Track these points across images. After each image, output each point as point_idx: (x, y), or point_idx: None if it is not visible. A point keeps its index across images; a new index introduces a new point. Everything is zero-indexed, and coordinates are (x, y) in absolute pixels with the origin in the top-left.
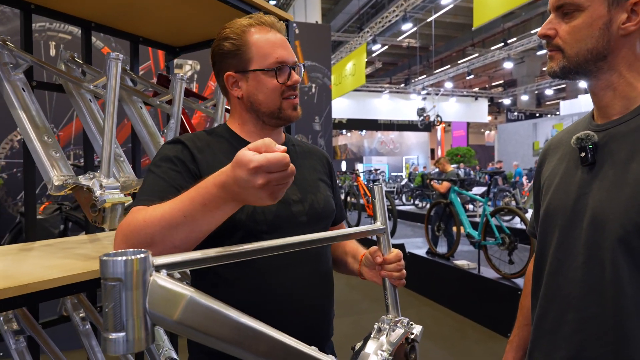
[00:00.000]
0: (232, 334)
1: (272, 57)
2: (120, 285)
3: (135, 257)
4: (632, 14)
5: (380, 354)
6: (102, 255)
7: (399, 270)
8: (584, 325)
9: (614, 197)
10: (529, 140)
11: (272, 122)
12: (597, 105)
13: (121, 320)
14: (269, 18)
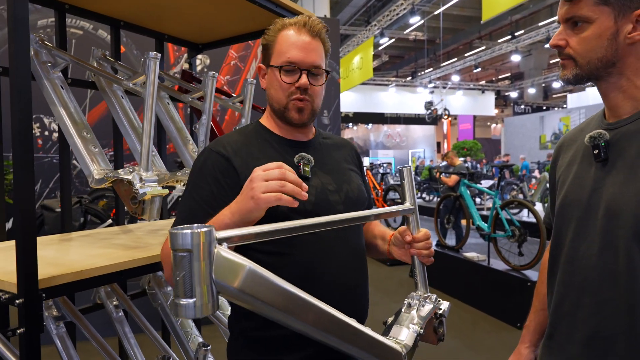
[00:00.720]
0: (285, 303)
1: (285, 56)
2: (190, 255)
3: (202, 230)
4: (637, 24)
5: (411, 327)
6: (171, 228)
7: (428, 248)
8: (600, 308)
9: (626, 191)
10: (535, 133)
11: (282, 120)
12: (607, 106)
13: (192, 287)
14: (307, 20)
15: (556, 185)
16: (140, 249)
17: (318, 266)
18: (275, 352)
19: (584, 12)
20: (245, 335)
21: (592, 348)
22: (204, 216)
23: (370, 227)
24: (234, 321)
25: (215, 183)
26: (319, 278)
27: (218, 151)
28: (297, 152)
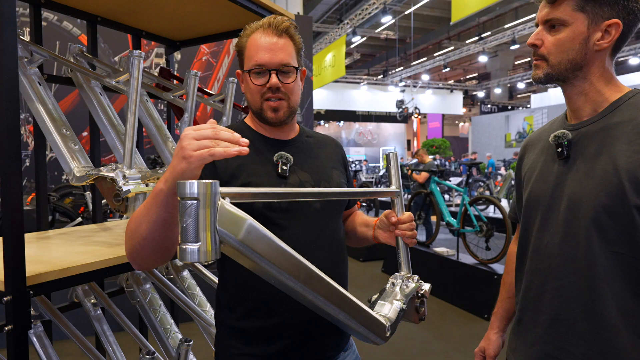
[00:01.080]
0: (280, 259)
1: (253, 59)
2: (197, 203)
3: (209, 181)
4: (605, 33)
5: (395, 302)
6: (178, 180)
7: (411, 229)
8: (562, 292)
9: (585, 185)
10: (501, 132)
11: (262, 121)
12: (570, 108)
13: (197, 233)
14: (272, 20)
15: (522, 182)
16: (123, 247)
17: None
18: (256, 342)
19: (562, 16)
20: (227, 325)
21: (555, 329)
22: None
23: (353, 218)
24: (217, 311)
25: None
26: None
27: None
28: (278, 150)
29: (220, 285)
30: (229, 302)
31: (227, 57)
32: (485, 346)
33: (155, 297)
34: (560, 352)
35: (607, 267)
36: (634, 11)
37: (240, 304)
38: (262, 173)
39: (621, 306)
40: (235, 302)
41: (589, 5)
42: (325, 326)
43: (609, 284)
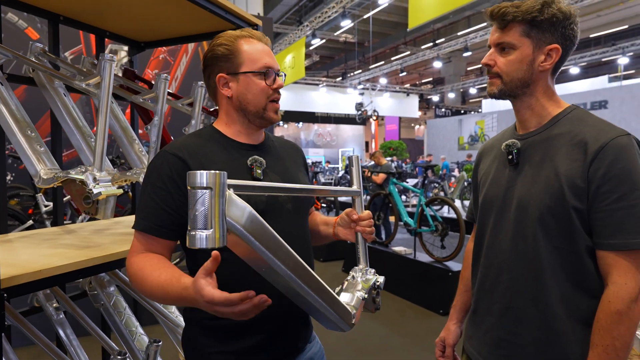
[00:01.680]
0: (275, 247)
1: (261, 62)
2: (209, 192)
3: (219, 172)
4: (547, 56)
5: (357, 293)
6: (189, 171)
7: (370, 226)
8: (513, 283)
9: (532, 188)
10: (454, 135)
11: (257, 121)
12: (519, 120)
13: (209, 220)
14: (258, 32)
15: (478, 185)
16: (94, 248)
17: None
18: (233, 338)
19: (511, 40)
20: (201, 324)
21: (507, 316)
22: (163, 216)
23: (313, 217)
24: (189, 311)
25: (172, 184)
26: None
27: (175, 153)
28: (250, 154)
29: None
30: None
31: (185, 56)
32: (445, 336)
33: (120, 299)
34: (513, 336)
35: (550, 260)
36: (570, 38)
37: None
38: (238, 178)
39: (562, 294)
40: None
41: (533, 31)
42: (297, 318)
43: (553, 275)
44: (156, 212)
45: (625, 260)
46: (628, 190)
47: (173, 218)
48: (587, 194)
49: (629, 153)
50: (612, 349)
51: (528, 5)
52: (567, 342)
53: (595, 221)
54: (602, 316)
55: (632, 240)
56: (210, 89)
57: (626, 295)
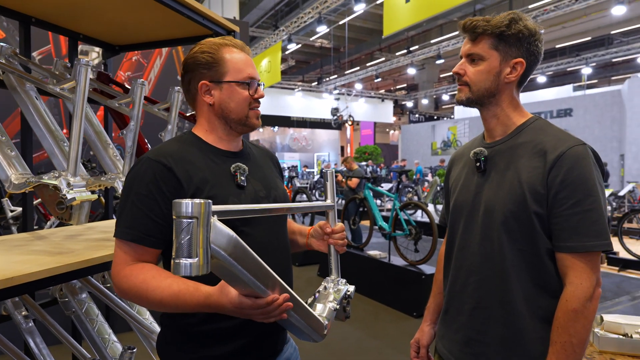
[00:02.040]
0: (256, 270)
1: (245, 72)
2: (196, 222)
3: (204, 201)
4: (513, 69)
5: (329, 304)
6: (174, 200)
7: (343, 239)
8: (481, 284)
9: (498, 194)
10: (428, 140)
11: (239, 128)
12: (486, 129)
13: (194, 249)
14: (239, 42)
15: (450, 191)
16: (68, 255)
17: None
18: (217, 343)
19: (480, 52)
20: (183, 330)
21: (476, 316)
22: (150, 224)
23: (289, 225)
24: (169, 317)
25: (158, 192)
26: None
27: (159, 161)
28: (233, 161)
29: None
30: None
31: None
32: (419, 337)
33: (92, 306)
34: (481, 335)
35: (514, 262)
36: (534, 53)
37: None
38: (223, 185)
39: (525, 294)
40: None
41: (500, 45)
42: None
43: (517, 276)
44: (143, 221)
45: (580, 261)
46: (583, 196)
47: (160, 227)
48: (547, 199)
49: (584, 162)
50: (569, 345)
51: (497, 20)
52: (529, 339)
53: (554, 225)
54: (560, 315)
55: (587, 243)
56: (189, 94)
57: (582, 295)
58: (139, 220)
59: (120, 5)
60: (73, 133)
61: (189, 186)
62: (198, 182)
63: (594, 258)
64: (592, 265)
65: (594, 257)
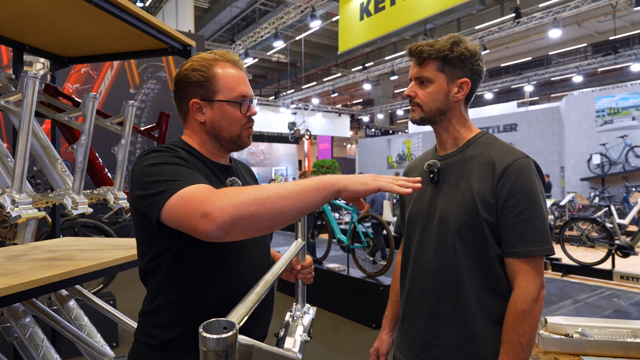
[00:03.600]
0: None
1: (237, 91)
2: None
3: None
4: (460, 88)
5: (299, 337)
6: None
7: (311, 272)
8: (437, 290)
9: (451, 203)
10: (384, 154)
11: (229, 147)
12: (439, 142)
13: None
14: (232, 56)
15: (405, 202)
16: (11, 276)
17: (247, 277)
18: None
19: (428, 75)
20: (168, 345)
21: (432, 321)
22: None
23: None
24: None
25: (192, 164)
26: (246, 288)
27: (176, 150)
28: (226, 175)
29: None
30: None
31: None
32: (378, 346)
33: (37, 330)
34: (437, 340)
35: (468, 268)
36: (477, 72)
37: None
38: None
39: (478, 298)
40: (180, 319)
41: (446, 67)
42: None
43: (470, 281)
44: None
45: (527, 265)
46: (527, 205)
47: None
48: (496, 208)
49: (528, 173)
50: (518, 344)
51: (440, 44)
52: (483, 341)
53: (502, 232)
54: (509, 316)
55: (532, 248)
56: (180, 110)
57: (528, 297)
58: (189, 173)
59: (71, 17)
60: (19, 148)
61: None
62: None
63: (538, 262)
64: (537, 269)
65: (538, 262)
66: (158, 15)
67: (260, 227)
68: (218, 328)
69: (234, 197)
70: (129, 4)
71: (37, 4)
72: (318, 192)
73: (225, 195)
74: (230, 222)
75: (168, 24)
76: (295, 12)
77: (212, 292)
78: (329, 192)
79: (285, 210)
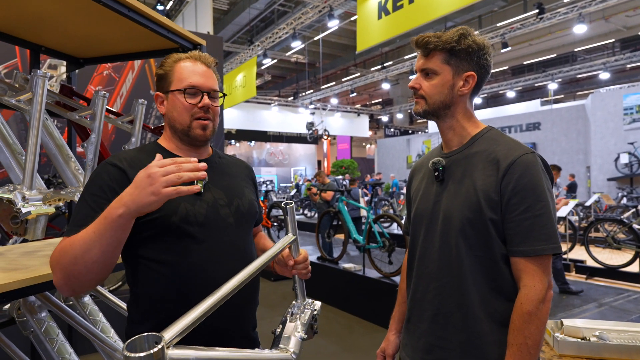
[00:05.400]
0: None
1: (186, 81)
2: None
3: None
4: (465, 82)
5: (297, 335)
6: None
7: (306, 267)
8: (440, 290)
9: (454, 202)
10: (403, 154)
11: (185, 139)
12: (443, 140)
13: None
14: (198, 53)
15: (411, 200)
16: (22, 271)
17: (209, 272)
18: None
19: (433, 67)
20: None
21: (436, 322)
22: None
23: (258, 240)
24: (129, 327)
25: (111, 192)
26: (210, 283)
27: (114, 164)
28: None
29: (132, 299)
30: (142, 315)
31: (131, 73)
32: (385, 346)
33: (52, 325)
34: (441, 341)
35: (471, 267)
36: (484, 66)
37: (151, 316)
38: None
39: (482, 298)
40: (146, 314)
41: (452, 60)
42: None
43: (474, 281)
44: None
45: (533, 265)
46: (533, 202)
47: None
48: (500, 205)
49: (534, 169)
50: (524, 347)
51: (447, 36)
52: (487, 343)
53: (507, 230)
54: (515, 317)
55: (538, 247)
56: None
57: (535, 297)
58: (92, 219)
59: (81, 17)
60: (29, 145)
61: None
62: None
63: (545, 261)
64: (544, 268)
65: (545, 261)
66: (178, 18)
67: (87, 280)
68: (145, 344)
69: (61, 264)
70: (137, 4)
71: (47, 5)
72: (112, 229)
73: (58, 263)
74: (65, 286)
75: (187, 26)
76: (313, 12)
77: (169, 288)
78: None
79: (96, 258)
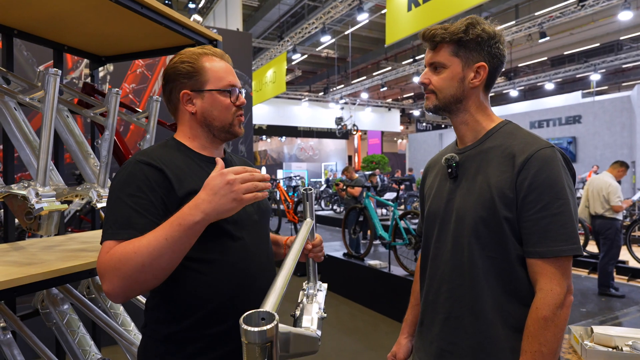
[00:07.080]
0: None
1: (225, 80)
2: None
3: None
4: (477, 74)
5: (316, 315)
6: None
7: (321, 250)
8: (452, 293)
9: (467, 200)
10: (435, 149)
11: (222, 135)
12: (457, 135)
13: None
14: (218, 50)
15: (425, 199)
16: (35, 265)
17: (245, 269)
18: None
19: (442, 60)
20: (168, 339)
21: (448, 326)
22: (144, 223)
23: None
24: (152, 329)
25: (152, 192)
26: (245, 279)
27: (149, 163)
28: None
29: (161, 299)
30: (173, 315)
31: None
32: (396, 350)
33: (74, 318)
34: (452, 347)
35: (484, 269)
36: (497, 56)
37: (187, 315)
38: None
39: (496, 302)
40: (181, 314)
41: (461, 51)
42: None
43: (487, 284)
44: (140, 221)
45: (551, 267)
46: (551, 199)
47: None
48: (516, 203)
49: (552, 164)
50: (539, 354)
51: (455, 27)
52: (500, 349)
53: (523, 230)
54: (530, 323)
55: (556, 248)
56: (170, 104)
57: (552, 301)
58: (133, 220)
59: (99, 17)
60: (42, 143)
61: (179, 189)
62: (189, 187)
63: (565, 263)
64: (563, 270)
65: (565, 263)
66: (209, 15)
67: (150, 286)
68: (257, 320)
69: (122, 271)
70: (151, 1)
71: (66, 4)
72: (187, 236)
73: (116, 271)
74: (122, 294)
75: (218, 23)
76: (342, 5)
77: (209, 287)
78: (197, 227)
79: (165, 265)
